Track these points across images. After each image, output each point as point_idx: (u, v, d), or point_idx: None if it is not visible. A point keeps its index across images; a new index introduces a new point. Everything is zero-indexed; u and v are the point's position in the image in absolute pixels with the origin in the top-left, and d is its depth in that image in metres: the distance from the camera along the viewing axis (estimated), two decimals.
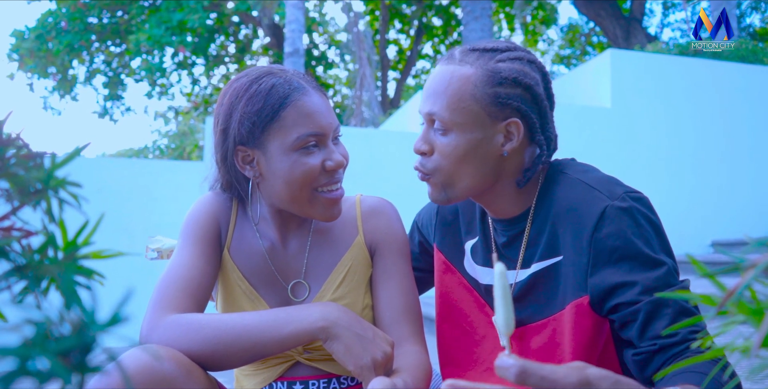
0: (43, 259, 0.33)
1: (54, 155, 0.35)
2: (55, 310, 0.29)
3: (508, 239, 1.15)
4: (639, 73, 5.45)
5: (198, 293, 1.10)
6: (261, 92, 1.10)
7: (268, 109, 1.09)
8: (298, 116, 1.09)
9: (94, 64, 14.28)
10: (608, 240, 0.98)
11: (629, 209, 0.99)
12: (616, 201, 1.00)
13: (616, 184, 1.05)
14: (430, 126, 1.10)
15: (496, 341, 1.18)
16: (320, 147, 1.12)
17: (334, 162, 1.12)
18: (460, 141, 1.05)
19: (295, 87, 1.11)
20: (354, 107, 10.71)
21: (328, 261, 1.23)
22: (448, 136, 1.06)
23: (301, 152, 1.10)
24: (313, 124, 1.10)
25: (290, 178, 1.11)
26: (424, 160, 1.11)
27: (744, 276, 0.41)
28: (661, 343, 0.93)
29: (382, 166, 4.95)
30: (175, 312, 1.05)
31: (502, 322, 0.71)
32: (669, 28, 17.85)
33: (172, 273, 1.12)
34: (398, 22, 16.34)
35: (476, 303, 1.22)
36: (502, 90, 1.04)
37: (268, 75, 1.12)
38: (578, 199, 1.04)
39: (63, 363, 0.27)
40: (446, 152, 1.07)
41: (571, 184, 1.08)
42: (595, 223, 1.00)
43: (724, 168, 5.50)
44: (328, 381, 1.19)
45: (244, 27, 14.84)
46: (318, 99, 1.13)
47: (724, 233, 5.17)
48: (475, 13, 7.38)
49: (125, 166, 5.04)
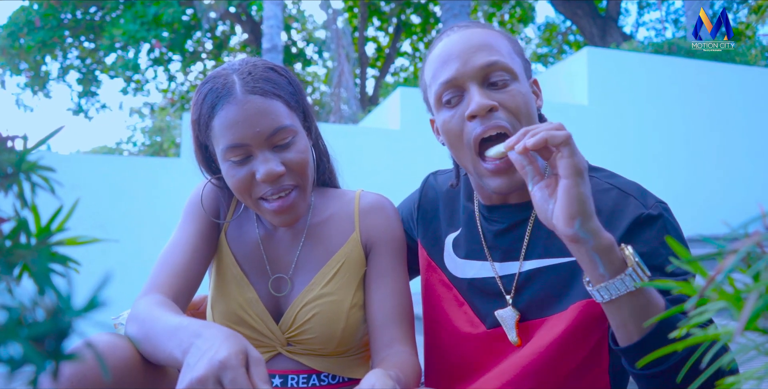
0: (15, 245, 0.31)
1: (26, 138, 0.34)
2: (29, 296, 0.28)
3: (507, 226, 1.14)
4: (615, 71, 5.52)
5: (189, 273, 1.13)
6: (198, 101, 1.11)
7: (204, 118, 1.10)
8: (221, 127, 1.07)
9: (67, 59, 14.03)
10: (637, 245, 0.99)
11: (662, 218, 1.01)
12: (651, 209, 1.02)
13: (647, 192, 1.07)
14: (482, 84, 1.04)
15: (478, 340, 1.16)
16: (252, 157, 1.08)
17: (261, 173, 1.06)
18: (522, 89, 1.06)
19: (223, 94, 1.07)
20: (333, 104, 10.66)
21: (321, 256, 1.21)
22: (512, 85, 1.05)
23: (230, 164, 1.09)
24: (233, 136, 1.06)
25: (231, 186, 1.12)
26: (493, 116, 1.02)
27: (724, 261, 0.41)
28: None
29: (361, 162, 4.94)
30: (157, 293, 1.07)
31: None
32: (644, 27, 18.12)
33: (166, 253, 1.15)
34: (377, 19, 16.30)
35: (456, 301, 1.21)
36: (520, 49, 1.12)
37: (211, 79, 1.11)
38: (613, 204, 1.05)
39: (37, 349, 0.26)
40: (520, 101, 1.04)
41: (602, 187, 1.08)
42: (627, 227, 1.01)
43: (705, 164, 5.60)
44: (308, 376, 1.18)
45: (221, 23, 14.69)
46: (246, 105, 1.06)
47: (704, 229, 5.25)
48: (453, 11, 7.39)
49: (101, 162, 4.95)
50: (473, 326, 1.17)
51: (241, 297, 1.19)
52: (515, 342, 1.11)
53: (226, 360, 0.79)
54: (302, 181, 1.12)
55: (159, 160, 5.10)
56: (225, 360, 0.79)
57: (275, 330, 1.18)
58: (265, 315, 1.18)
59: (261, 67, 1.12)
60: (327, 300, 1.16)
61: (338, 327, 1.16)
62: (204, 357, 0.81)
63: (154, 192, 4.73)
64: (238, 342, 0.83)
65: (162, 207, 4.66)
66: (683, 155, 5.58)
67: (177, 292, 1.10)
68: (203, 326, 0.89)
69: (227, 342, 0.82)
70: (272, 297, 1.21)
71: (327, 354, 1.18)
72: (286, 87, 1.13)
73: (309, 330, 1.16)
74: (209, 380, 0.78)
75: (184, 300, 1.12)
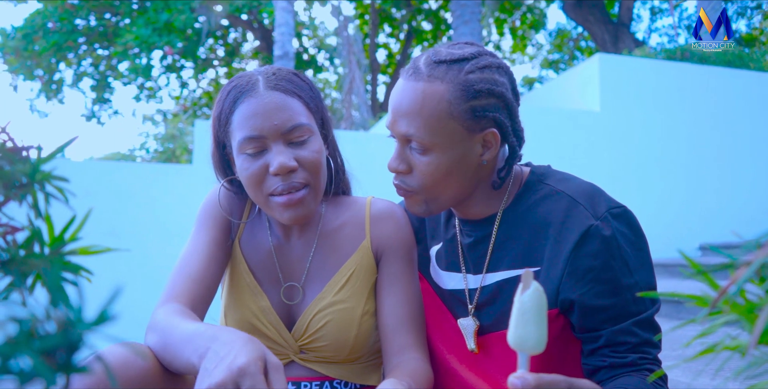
0: (29, 255, 0.32)
1: (40, 148, 0.35)
2: (41, 307, 0.28)
3: (474, 240, 1.15)
4: (627, 78, 5.49)
5: (205, 281, 1.13)
6: (222, 97, 1.14)
7: (225, 113, 1.12)
8: (241, 119, 1.09)
9: (81, 66, 14.17)
10: (586, 259, 0.99)
11: (612, 230, 1.00)
12: (600, 221, 1.00)
13: (599, 198, 1.05)
14: (405, 144, 1.07)
15: (462, 349, 1.17)
16: (267, 151, 1.09)
17: (274, 166, 1.07)
18: (441, 159, 1.03)
19: (246, 90, 1.10)
20: (344, 111, 10.69)
21: (333, 264, 1.22)
22: (428, 155, 1.04)
23: (245, 156, 1.10)
24: (251, 128, 1.08)
25: (244, 181, 1.12)
26: (404, 178, 1.08)
27: (736, 274, 0.40)
28: (611, 362, 0.98)
29: (371, 168, 4.94)
30: (175, 302, 1.07)
31: (535, 339, 0.70)
32: (656, 34, 18.04)
33: (182, 261, 1.16)
34: (388, 26, 16.35)
35: (439, 310, 1.22)
36: (477, 103, 1.01)
37: (237, 78, 1.15)
38: (562, 213, 1.04)
39: (47, 362, 0.26)
40: (428, 171, 1.04)
41: (553, 196, 1.08)
42: (576, 240, 1.00)
43: (714, 171, 5.55)
44: (320, 383, 1.18)
45: (233, 30, 14.79)
46: (267, 99, 1.09)
47: (711, 237, 5.21)
48: (464, 17, 7.40)
49: (114, 169, 4.99)
50: (457, 334, 1.18)
51: (254, 305, 1.19)
52: (473, 350, 1.14)
53: (245, 367, 0.78)
54: (314, 181, 1.12)
55: (171, 167, 5.13)
56: (244, 367, 0.78)
57: (288, 338, 1.18)
58: (278, 324, 1.18)
59: (285, 71, 1.17)
60: (339, 307, 1.16)
61: (350, 334, 1.16)
62: (222, 362, 0.80)
63: (166, 198, 4.76)
64: (257, 347, 0.83)
65: (174, 213, 4.68)
66: (694, 162, 5.53)
67: (194, 300, 1.10)
68: (220, 330, 0.88)
69: (245, 347, 0.82)
70: (284, 305, 1.21)
71: (339, 362, 1.19)
72: (307, 91, 1.16)
73: (321, 337, 1.16)
74: (228, 387, 0.77)
75: (202, 308, 1.12)
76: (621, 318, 0.98)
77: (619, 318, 0.98)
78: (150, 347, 0.99)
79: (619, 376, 0.96)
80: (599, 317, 0.99)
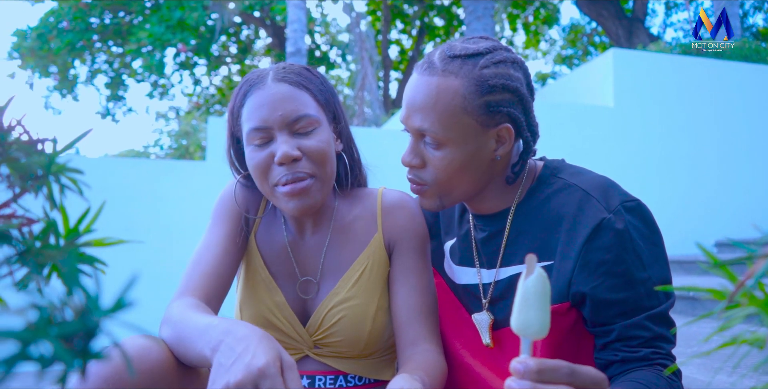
0: (45, 246, 0.32)
1: (55, 141, 0.35)
2: (58, 296, 0.28)
3: (488, 234, 1.15)
4: (642, 73, 5.44)
5: (220, 276, 1.14)
6: (235, 92, 1.17)
7: (237, 106, 1.15)
8: (249, 111, 1.12)
9: (95, 64, 14.29)
10: (598, 252, 0.99)
11: (625, 223, 1.00)
12: (613, 214, 1.00)
13: (612, 191, 1.05)
14: (419, 139, 1.07)
15: (476, 344, 1.18)
16: (273, 140, 1.11)
17: (278, 155, 1.08)
18: (455, 154, 1.03)
19: (255, 83, 1.13)
20: (356, 107, 10.70)
21: (346, 258, 1.22)
22: (441, 150, 1.04)
23: (253, 147, 1.12)
24: (257, 119, 1.10)
25: (251, 171, 1.14)
26: (417, 172, 1.08)
27: (755, 266, 0.40)
28: (623, 356, 0.97)
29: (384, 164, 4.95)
30: (190, 296, 1.09)
31: (538, 324, 0.70)
32: (671, 28, 17.84)
33: (197, 256, 1.17)
34: (400, 22, 16.32)
35: (453, 305, 1.22)
36: (492, 98, 1.00)
37: (250, 74, 1.18)
38: (575, 207, 1.04)
39: (66, 347, 0.26)
40: (442, 165, 1.04)
41: (567, 189, 1.07)
42: (588, 234, 1.00)
43: (728, 166, 5.49)
44: (335, 377, 1.18)
45: (245, 27, 14.84)
46: (273, 90, 1.11)
47: (730, 233, 5.16)
48: (477, 13, 7.37)
49: (129, 165, 5.03)
50: (471, 329, 1.19)
51: (270, 300, 1.20)
52: (488, 344, 1.15)
53: (265, 368, 0.78)
54: (320, 172, 1.12)
55: (185, 163, 5.16)
56: (264, 368, 0.78)
57: (303, 334, 1.19)
58: (293, 319, 1.19)
59: (296, 66, 1.19)
60: (352, 303, 1.17)
61: (364, 330, 1.16)
62: (240, 360, 0.80)
63: (180, 194, 4.79)
64: (273, 345, 0.83)
65: (188, 209, 4.71)
66: (711, 157, 5.48)
67: (209, 295, 1.11)
68: (233, 324, 0.89)
69: (262, 345, 0.82)
70: (299, 300, 1.22)
71: (354, 357, 1.19)
72: (317, 84, 1.17)
73: (336, 333, 1.16)
74: (247, 387, 0.78)
75: (217, 303, 1.13)
76: (633, 313, 0.98)
77: (631, 313, 0.98)
78: (164, 340, 1.00)
79: (631, 371, 0.96)
80: (611, 311, 0.99)
